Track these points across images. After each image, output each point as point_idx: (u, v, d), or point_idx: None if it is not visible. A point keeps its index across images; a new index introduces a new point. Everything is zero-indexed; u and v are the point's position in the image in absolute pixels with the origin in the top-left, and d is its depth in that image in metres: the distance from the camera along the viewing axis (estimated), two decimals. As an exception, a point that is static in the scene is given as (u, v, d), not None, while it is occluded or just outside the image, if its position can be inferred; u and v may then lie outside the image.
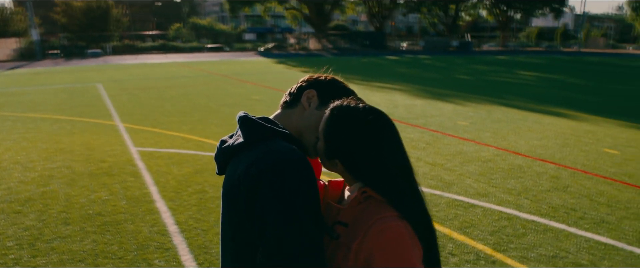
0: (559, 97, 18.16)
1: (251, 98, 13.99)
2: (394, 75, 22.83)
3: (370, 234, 1.41)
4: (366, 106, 1.56)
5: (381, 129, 1.53)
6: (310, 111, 1.70)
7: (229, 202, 1.53)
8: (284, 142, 1.53)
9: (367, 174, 1.51)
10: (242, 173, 1.46)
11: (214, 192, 6.47)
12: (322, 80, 1.79)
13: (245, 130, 1.57)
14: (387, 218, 1.42)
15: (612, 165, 8.36)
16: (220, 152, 1.65)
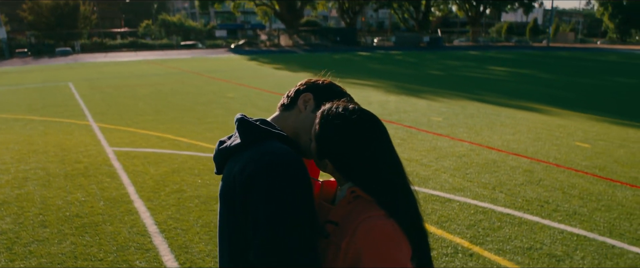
0: (530, 92, 18.52)
1: (225, 96, 13.97)
2: (367, 72, 22.99)
3: (358, 233, 1.45)
4: (355, 108, 1.61)
5: (369, 130, 1.58)
6: (305, 114, 1.74)
7: (226, 202, 1.58)
8: (278, 144, 1.58)
9: (356, 174, 1.56)
10: (237, 174, 1.50)
11: (192, 191, 6.49)
12: (320, 84, 1.84)
13: (241, 132, 1.62)
14: (373, 218, 1.46)
15: (583, 159, 8.61)
16: (218, 152, 1.69)
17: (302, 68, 23.03)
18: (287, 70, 21.72)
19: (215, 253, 4.80)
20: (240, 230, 1.51)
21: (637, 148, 9.50)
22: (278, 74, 20.36)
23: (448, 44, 77.32)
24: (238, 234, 1.53)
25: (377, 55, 35.64)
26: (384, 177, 1.56)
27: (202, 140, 8.96)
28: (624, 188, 7.06)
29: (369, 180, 1.54)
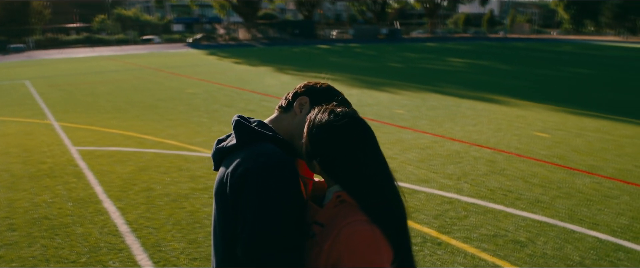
0: (489, 83, 19.00)
1: (187, 92, 13.93)
2: (327, 65, 23.18)
3: (340, 237, 1.51)
4: (343, 112, 1.68)
5: (355, 134, 1.65)
6: (300, 117, 1.82)
7: (218, 199, 1.67)
8: (272, 146, 1.67)
9: (342, 177, 1.64)
10: (230, 173, 1.60)
11: (161, 190, 6.52)
12: (317, 87, 1.91)
13: (237, 133, 1.72)
14: (355, 223, 1.53)
15: (543, 148, 8.97)
16: (216, 151, 1.79)
17: (262, 62, 23.04)
18: (247, 65, 21.70)
19: (189, 250, 4.88)
20: (231, 226, 1.59)
21: (593, 137, 9.94)
22: (238, 68, 20.34)
23: (406, 35, 78.11)
24: (229, 230, 1.61)
25: (337, 48, 35.89)
26: (368, 181, 1.62)
27: (166, 138, 8.97)
28: (583, 176, 7.42)
29: (354, 183, 1.61)
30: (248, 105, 12.13)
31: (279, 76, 18.15)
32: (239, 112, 11.32)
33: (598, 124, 11.38)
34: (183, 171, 7.23)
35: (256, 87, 15.16)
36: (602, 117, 12.25)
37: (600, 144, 9.34)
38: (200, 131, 9.49)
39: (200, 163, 7.63)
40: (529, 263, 4.76)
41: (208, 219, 5.61)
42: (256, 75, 18.12)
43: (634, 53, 42.32)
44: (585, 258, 4.90)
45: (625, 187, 7.00)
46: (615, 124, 11.46)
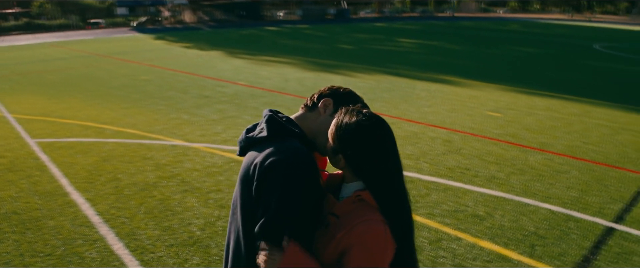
0: (440, 64, 19.63)
1: (139, 78, 13.92)
2: (278, 48, 23.36)
3: (355, 231, 1.73)
4: (369, 113, 1.90)
5: (380, 134, 1.87)
6: (324, 117, 2.07)
7: (243, 183, 1.92)
8: (298, 143, 1.94)
9: (365, 173, 1.86)
10: (259, 162, 1.86)
11: (128, 179, 6.69)
12: (340, 91, 2.15)
13: (269, 127, 1.97)
14: (372, 221, 1.75)
15: (496, 127, 9.54)
16: (245, 139, 2.05)
17: (212, 46, 23.00)
18: (197, 49, 21.64)
19: (164, 237, 5.11)
20: (252, 208, 1.86)
21: (543, 115, 10.60)
22: (189, 53, 20.30)
23: (354, 15, 78.72)
24: (251, 214, 1.86)
25: (285, 29, 36.02)
26: (387, 177, 1.86)
27: (126, 126, 9.07)
28: (535, 153, 8.00)
29: (376, 182, 1.85)
30: (203, 92, 12.27)
31: (230, 60, 18.25)
32: (196, 99, 11.47)
33: (547, 102, 12.09)
34: (147, 160, 7.40)
35: (209, 73, 15.26)
36: (551, 96, 12.98)
37: (550, 122, 10.00)
38: (159, 119, 9.62)
39: (164, 151, 7.81)
40: (488, 235, 5.23)
41: (179, 207, 5.83)
42: (207, 60, 18.16)
43: (579, 31, 44.05)
44: (539, 228, 5.42)
45: (574, 163, 7.62)
46: (563, 102, 12.20)
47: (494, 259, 4.78)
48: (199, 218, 5.55)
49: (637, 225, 5.59)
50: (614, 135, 9.29)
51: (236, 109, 10.65)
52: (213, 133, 8.81)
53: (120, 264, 4.64)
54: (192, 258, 4.73)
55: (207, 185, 6.51)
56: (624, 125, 10.05)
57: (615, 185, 6.77)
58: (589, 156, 7.96)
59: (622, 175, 7.21)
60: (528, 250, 4.97)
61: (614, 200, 6.26)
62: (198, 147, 8.05)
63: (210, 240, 5.07)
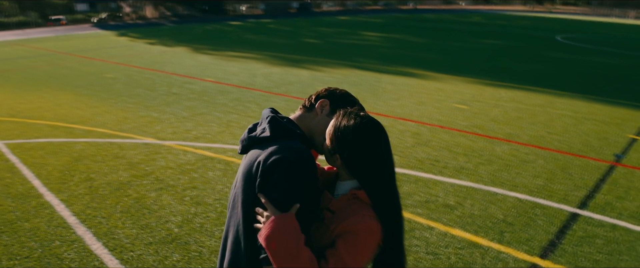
0: (406, 57, 19.94)
1: (105, 76, 13.79)
2: (243, 43, 23.36)
3: (348, 222, 1.88)
4: (366, 115, 2.02)
5: (376, 136, 2.00)
6: (321, 117, 2.21)
7: (245, 180, 2.06)
8: (298, 143, 2.08)
9: (361, 173, 1.99)
10: (262, 160, 1.99)
11: (101, 179, 6.71)
12: (337, 93, 2.28)
13: (272, 127, 2.11)
14: (366, 216, 1.90)
15: (463, 119, 9.83)
16: (248, 138, 2.18)
17: (176, 42, 22.86)
18: (161, 46, 21.48)
19: (143, 236, 5.20)
20: (252, 203, 2.00)
21: (509, 107, 10.96)
22: (153, 49, 20.15)
23: (317, 9, 78.86)
24: (252, 208, 2.01)
25: (249, 24, 35.98)
26: (382, 182, 1.99)
27: (95, 126, 9.05)
28: (501, 144, 8.31)
29: (370, 182, 1.98)
30: (171, 89, 12.28)
31: (196, 56, 18.21)
32: (164, 96, 11.47)
33: (512, 94, 12.47)
34: (120, 159, 7.43)
35: (176, 69, 15.23)
36: (516, 88, 13.38)
37: (516, 113, 10.35)
38: (129, 117, 9.62)
39: (136, 150, 7.84)
40: (459, 224, 5.47)
41: (155, 205, 5.90)
42: (173, 57, 18.09)
43: (541, 23, 45.08)
44: (508, 216, 5.69)
45: (539, 152, 7.94)
46: (527, 93, 12.60)
47: (465, 246, 5.01)
48: (176, 216, 5.64)
49: (599, 211, 5.91)
50: (577, 125, 9.68)
51: (206, 105, 10.71)
52: (184, 130, 8.87)
53: (100, 263, 4.70)
54: (172, 255, 4.83)
55: (182, 182, 6.60)
56: (586, 115, 10.47)
57: (579, 173, 7.11)
58: (553, 146, 8.30)
59: (585, 163, 7.56)
60: (497, 236, 5.23)
61: (577, 188, 6.59)
62: (170, 144, 8.11)
63: (188, 237, 5.18)
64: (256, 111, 10.29)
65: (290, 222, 1.84)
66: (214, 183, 6.55)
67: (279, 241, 1.80)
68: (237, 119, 9.68)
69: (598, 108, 11.32)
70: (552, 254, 4.94)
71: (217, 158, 7.49)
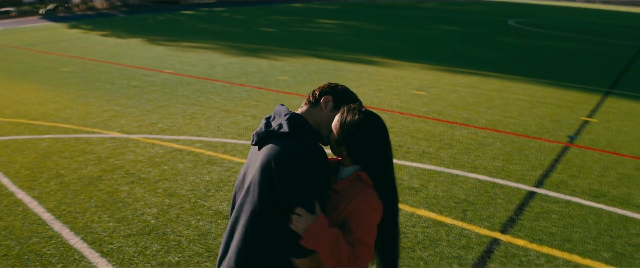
0: (363, 44, 20.30)
1: (62, 71, 13.64)
2: (199, 33, 23.31)
3: (355, 203, 2.22)
4: (369, 111, 2.36)
5: (379, 130, 2.34)
6: (326, 112, 2.51)
7: (264, 173, 2.31)
8: (311, 138, 2.39)
9: (365, 162, 2.34)
10: (283, 155, 2.26)
11: (72, 175, 6.81)
12: (338, 88, 2.58)
13: (290, 124, 2.36)
14: (369, 196, 2.24)
15: (422, 105, 10.25)
16: (267, 132, 2.40)
17: (130, 33, 22.63)
18: (115, 37, 21.26)
19: (120, 228, 5.38)
20: (273, 192, 2.28)
21: (466, 92, 11.44)
22: (108, 41, 19.94)
23: (271, -4, 78.42)
24: (270, 195, 2.29)
25: (203, 13, 35.74)
26: (383, 168, 2.35)
27: (59, 121, 9.08)
28: (460, 128, 8.76)
29: (373, 168, 2.33)
30: (131, 82, 12.32)
31: (152, 48, 18.15)
32: (124, 89, 11.52)
33: (468, 79, 12.98)
34: (88, 154, 7.55)
35: (133, 61, 15.20)
36: (472, 73, 13.91)
37: (473, 98, 10.83)
38: (92, 111, 9.68)
39: (103, 144, 7.96)
40: (424, 205, 5.86)
41: (129, 198, 6.08)
42: (129, 49, 17.97)
43: (493, 7, 46.16)
44: (469, 196, 6.11)
45: (497, 135, 8.43)
46: (483, 79, 13.14)
47: (431, 225, 5.40)
48: (151, 208, 5.85)
49: (554, 188, 6.40)
50: (532, 108, 10.23)
51: (167, 98, 10.83)
52: (149, 123, 9.01)
53: (81, 257, 4.86)
54: (151, 245, 5.05)
55: (153, 175, 6.79)
56: (540, 99, 11.04)
57: (534, 154, 7.61)
58: (510, 129, 8.80)
59: (540, 144, 8.08)
60: (460, 215, 5.64)
61: (534, 168, 7.08)
62: (137, 138, 8.26)
63: (166, 227, 5.40)
64: (219, 102, 10.47)
65: (324, 221, 2.18)
66: (185, 175, 6.77)
67: (321, 242, 2.13)
68: (201, 110, 9.86)
69: (551, 92, 11.92)
70: (511, 229, 5.38)
71: (186, 150, 7.69)
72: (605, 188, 6.54)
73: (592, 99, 11.51)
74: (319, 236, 2.13)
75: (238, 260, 2.35)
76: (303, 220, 2.15)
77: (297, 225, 2.16)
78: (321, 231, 2.13)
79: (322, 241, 2.12)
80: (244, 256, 2.33)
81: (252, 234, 2.32)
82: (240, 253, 2.34)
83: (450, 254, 4.92)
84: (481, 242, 5.15)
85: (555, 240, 5.23)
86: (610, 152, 7.96)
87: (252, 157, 2.48)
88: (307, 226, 2.14)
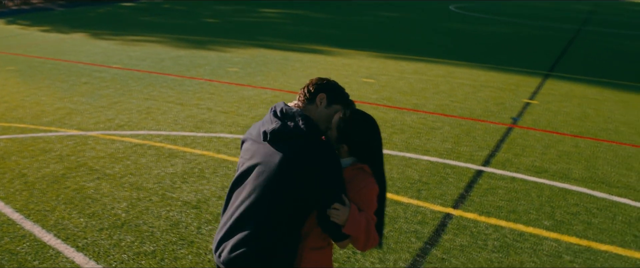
0: (309, 34, 20.67)
1: (7, 69, 13.39)
2: (142, 26, 23.17)
3: (365, 190, 2.67)
4: (361, 111, 2.79)
5: (374, 128, 2.77)
6: (321, 109, 2.81)
7: (283, 167, 2.60)
8: (324, 139, 2.76)
9: (364, 156, 2.76)
10: (300, 152, 2.59)
11: (35, 174, 6.86)
12: (329, 85, 2.89)
13: (308, 127, 2.65)
14: (371, 183, 2.69)
15: (372, 93, 10.72)
16: (283, 131, 2.67)
17: (72, 28, 22.25)
18: (57, 32, 20.86)
19: (92, 223, 5.56)
20: (293, 186, 2.60)
21: (413, 78, 12.00)
22: (50, 37, 19.59)
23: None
24: (290, 189, 2.61)
25: (143, 5, 35.26)
26: (378, 161, 2.79)
27: (12, 121, 9.09)
28: (410, 114, 9.27)
29: (370, 161, 2.76)
30: (80, 78, 12.31)
31: (97, 43, 17.99)
32: (75, 86, 11.53)
33: (415, 66, 13.55)
34: (49, 152, 7.66)
35: (80, 57, 15.10)
36: (417, 60, 14.51)
37: (420, 84, 11.39)
38: (45, 110, 9.71)
39: (62, 142, 8.06)
40: (382, 188, 6.32)
41: (97, 194, 6.24)
42: (73, 44, 17.77)
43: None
44: (423, 176, 6.61)
45: (445, 119, 8.99)
46: (429, 65, 13.75)
47: (389, 204, 5.87)
48: (120, 202, 6.07)
49: (500, 167, 6.99)
50: (476, 92, 10.87)
51: (120, 94, 10.93)
52: (106, 119, 9.15)
53: (56, 253, 5.03)
54: (125, 237, 5.29)
55: (118, 170, 6.99)
56: (484, 83, 11.71)
57: (481, 136, 8.20)
58: (457, 112, 9.37)
59: (486, 126, 8.68)
60: (416, 194, 6.13)
61: (481, 148, 7.65)
62: (95, 135, 8.41)
63: (137, 219, 5.64)
64: (173, 96, 10.66)
65: (356, 210, 2.63)
66: (150, 169, 7.01)
67: (359, 227, 2.61)
68: (156, 105, 10.03)
69: (494, 76, 12.62)
70: (462, 205, 5.92)
71: (147, 145, 7.91)
72: (547, 165, 7.17)
73: (533, 81, 12.26)
74: (356, 223, 2.58)
75: (255, 246, 2.65)
76: (342, 213, 2.57)
77: (339, 217, 2.58)
78: (356, 219, 2.58)
79: (359, 226, 2.59)
80: (263, 242, 2.65)
81: (273, 223, 2.65)
82: (259, 240, 2.65)
83: (408, 229, 5.40)
84: (435, 217, 5.65)
85: (502, 212, 5.79)
86: (550, 131, 8.63)
87: (261, 151, 2.72)
88: (346, 217, 2.57)
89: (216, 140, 8.15)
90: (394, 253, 5.00)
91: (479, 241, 5.23)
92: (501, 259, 4.94)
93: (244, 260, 2.63)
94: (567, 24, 25.56)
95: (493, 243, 5.22)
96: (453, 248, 5.12)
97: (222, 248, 2.72)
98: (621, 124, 9.22)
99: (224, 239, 2.72)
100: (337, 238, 2.66)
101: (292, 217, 2.65)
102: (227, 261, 2.67)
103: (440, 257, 4.96)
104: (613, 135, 8.59)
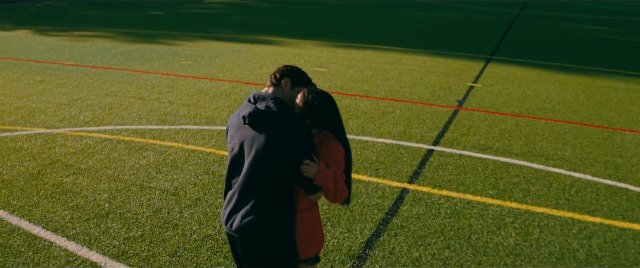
0: (258, 24, 21.12)
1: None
2: (87, 20, 23.10)
3: (332, 150, 3.24)
4: (321, 90, 3.34)
5: (333, 103, 3.33)
6: (286, 91, 3.30)
7: (270, 142, 3.09)
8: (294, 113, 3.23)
9: (328, 127, 3.35)
10: (289, 127, 3.10)
11: (10, 173, 7.14)
12: (293, 70, 3.35)
13: (278, 105, 3.13)
14: (337, 145, 3.27)
15: (325, 81, 11.39)
16: (258, 113, 3.14)
17: (15, 25, 21.98)
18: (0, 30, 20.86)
19: (78, 215, 5.97)
20: (281, 158, 3.11)
21: (362, 66, 12.73)
22: (-12, 36, 19.55)
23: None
24: (278, 161, 3.12)
25: (81, -2, 34.94)
26: (338, 128, 3.36)
27: (-25, 123, 9.35)
28: (363, 100, 10.00)
29: (331, 129, 3.33)
30: (36, 77, 12.47)
31: (44, 40, 17.98)
32: (32, 85, 11.69)
33: (363, 54, 14.29)
34: (19, 151, 7.94)
35: (29, 55, 15.16)
36: (365, 48, 15.25)
37: (369, 72, 12.13)
38: (5, 110, 9.90)
39: (31, 141, 8.35)
40: (343, 169, 7.02)
41: (76, 188, 6.63)
42: (19, 42, 17.70)
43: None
44: (379, 157, 7.34)
45: (396, 104, 9.75)
46: (377, 52, 14.51)
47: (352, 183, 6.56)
48: (101, 194, 6.50)
49: (449, 145, 7.80)
50: (424, 78, 11.70)
51: (79, 90, 11.21)
52: (70, 117, 9.47)
53: (49, 243, 5.39)
54: (112, 225, 5.72)
55: (92, 164, 7.39)
56: (430, 69, 12.56)
57: (430, 118, 9.01)
58: (406, 97, 10.16)
59: (434, 110, 9.50)
60: (374, 173, 6.86)
61: (430, 130, 8.46)
62: (63, 132, 8.76)
63: (121, 208, 6.10)
64: (133, 91, 11.04)
65: (323, 165, 3.20)
66: (123, 162, 7.46)
67: (327, 179, 3.18)
68: (118, 100, 10.41)
69: (440, 61, 13.50)
70: (416, 180, 6.69)
71: (116, 139, 8.34)
72: (490, 142, 8.03)
73: (476, 66, 13.20)
74: (324, 175, 3.14)
75: (260, 211, 3.23)
76: (312, 167, 3.13)
77: (309, 172, 3.14)
78: (324, 172, 3.15)
79: (327, 178, 3.15)
80: (265, 207, 3.22)
81: (269, 189, 3.21)
82: (261, 205, 3.23)
83: (371, 203, 6.13)
84: (394, 191, 6.39)
85: (452, 185, 6.59)
86: (493, 112, 9.51)
87: (245, 133, 3.22)
88: (316, 171, 3.15)
89: (183, 132, 8.64)
90: (359, 224, 5.71)
91: (433, 210, 6.01)
92: (453, 224, 5.73)
93: (254, 224, 3.22)
94: (513, 8, 26.81)
95: (445, 211, 6.00)
96: (411, 216, 5.86)
97: (233, 219, 3.30)
98: (557, 103, 10.19)
99: (233, 211, 3.31)
100: (309, 190, 3.19)
101: (283, 182, 3.21)
102: (240, 227, 3.26)
103: (400, 224, 5.70)
104: (550, 114, 9.53)
